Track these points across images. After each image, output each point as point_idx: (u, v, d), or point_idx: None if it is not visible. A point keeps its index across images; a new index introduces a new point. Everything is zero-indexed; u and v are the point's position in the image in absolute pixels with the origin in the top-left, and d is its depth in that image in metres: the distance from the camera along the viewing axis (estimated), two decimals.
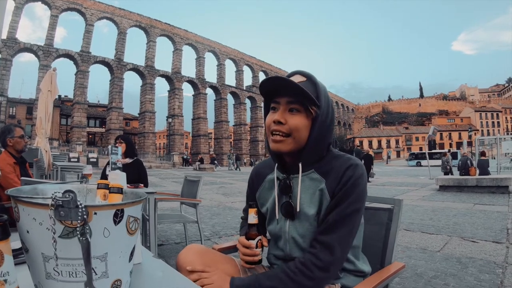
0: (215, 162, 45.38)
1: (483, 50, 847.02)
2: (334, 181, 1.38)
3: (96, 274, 0.73)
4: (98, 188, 0.97)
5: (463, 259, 4.30)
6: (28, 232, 0.72)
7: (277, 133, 1.41)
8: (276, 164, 1.54)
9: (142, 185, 4.57)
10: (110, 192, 0.91)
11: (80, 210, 0.67)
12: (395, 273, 1.56)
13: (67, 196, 0.66)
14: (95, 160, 34.32)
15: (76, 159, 28.12)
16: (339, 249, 1.31)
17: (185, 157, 55.20)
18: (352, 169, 1.38)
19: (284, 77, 1.37)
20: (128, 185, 3.95)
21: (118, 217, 0.74)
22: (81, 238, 0.67)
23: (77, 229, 0.67)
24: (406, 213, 7.93)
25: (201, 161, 44.22)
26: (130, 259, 0.82)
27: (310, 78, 1.43)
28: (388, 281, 1.52)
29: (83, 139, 49.56)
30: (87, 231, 0.68)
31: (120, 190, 0.90)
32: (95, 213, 0.71)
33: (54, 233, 0.67)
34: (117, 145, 4.89)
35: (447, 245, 5.02)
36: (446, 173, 21.37)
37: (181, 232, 5.66)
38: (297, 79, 1.41)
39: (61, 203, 0.66)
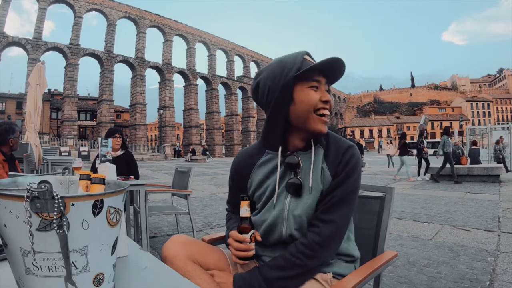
0: (207, 153, 45.26)
1: (474, 41, 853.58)
2: (335, 161, 1.41)
3: (76, 268, 0.70)
4: (80, 179, 0.93)
5: (455, 247, 4.33)
6: (5, 226, 0.69)
7: (326, 113, 1.43)
8: (280, 147, 1.48)
9: (133, 177, 4.53)
10: (91, 183, 0.88)
11: (56, 201, 0.63)
12: (388, 262, 1.54)
13: (43, 187, 0.63)
14: (86, 153, 34.11)
15: (67, 153, 28.07)
16: (341, 225, 1.36)
17: (176, 148, 55.11)
18: (351, 150, 1.43)
19: (341, 59, 1.37)
20: (119, 177, 3.92)
21: (97, 208, 0.70)
22: (58, 231, 0.64)
23: (54, 221, 0.64)
24: (398, 201, 7.98)
25: (193, 152, 44.17)
26: (113, 252, 0.78)
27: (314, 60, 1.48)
28: (381, 270, 1.51)
29: (74, 133, 49.07)
30: (65, 223, 0.65)
31: (102, 181, 0.87)
32: (73, 204, 0.67)
33: (30, 226, 0.64)
34: (118, 139, 4.86)
35: (439, 233, 5.05)
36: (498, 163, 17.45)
37: (173, 224, 5.64)
38: (310, 60, 1.45)
39: (36, 195, 0.63)
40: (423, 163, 14.23)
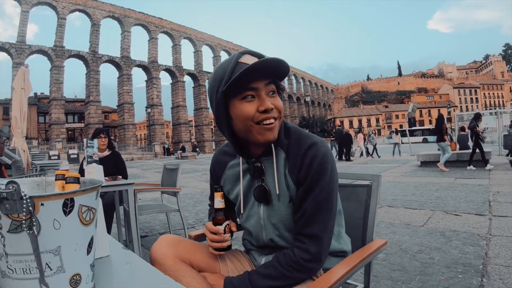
0: (197, 149, 45.13)
1: (459, 28, 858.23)
2: (295, 165, 1.30)
3: (51, 269, 0.68)
4: (56, 179, 0.91)
5: (447, 233, 4.35)
6: None
7: (271, 122, 1.26)
8: (241, 156, 1.42)
9: (121, 177, 4.49)
10: (66, 183, 0.86)
11: (25, 201, 0.61)
12: (377, 250, 1.53)
13: (10, 187, 0.61)
14: (76, 156, 33.77)
15: (56, 157, 27.82)
16: (326, 236, 1.30)
17: (166, 146, 55.00)
18: (313, 150, 1.29)
19: (277, 58, 1.21)
20: (106, 178, 3.89)
21: (68, 207, 0.69)
22: (28, 231, 0.62)
23: (24, 222, 0.62)
24: (389, 189, 8.01)
25: (183, 149, 44.04)
26: (89, 251, 0.76)
27: (263, 57, 1.29)
28: (370, 259, 1.50)
29: (63, 136, 48.77)
30: (34, 223, 0.63)
31: (76, 180, 0.85)
32: (42, 204, 0.65)
33: (1, 229, 0.63)
34: (103, 140, 4.82)
35: (430, 219, 5.07)
36: None
37: (165, 222, 5.61)
38: (249, 60, 1.27)
39: (5, 196, 0.61)
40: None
